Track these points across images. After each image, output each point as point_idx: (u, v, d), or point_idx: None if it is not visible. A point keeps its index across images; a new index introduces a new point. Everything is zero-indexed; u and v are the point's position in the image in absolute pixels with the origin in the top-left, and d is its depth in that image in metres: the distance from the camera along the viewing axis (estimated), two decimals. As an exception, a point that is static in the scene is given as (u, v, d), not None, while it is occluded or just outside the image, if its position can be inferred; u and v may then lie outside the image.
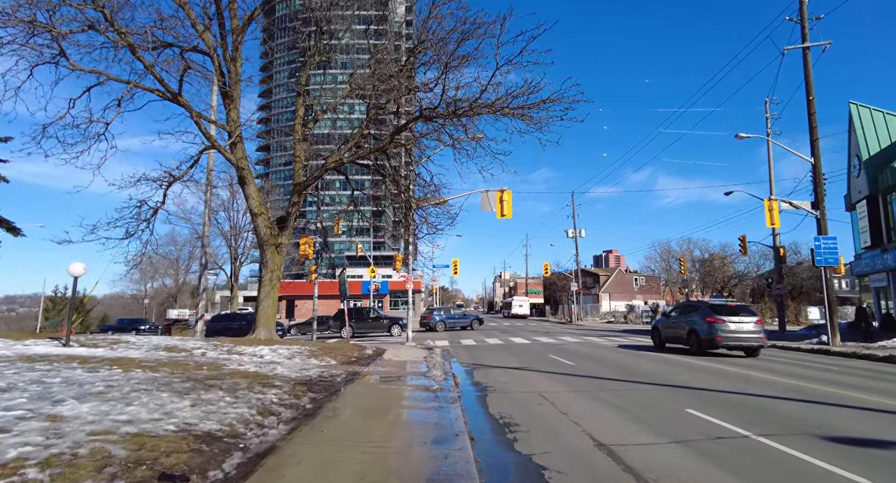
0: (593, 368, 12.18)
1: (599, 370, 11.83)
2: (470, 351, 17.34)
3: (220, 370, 9.06)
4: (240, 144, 15.16)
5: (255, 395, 6.98)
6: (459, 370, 12.06)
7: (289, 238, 16.35)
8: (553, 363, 13.39)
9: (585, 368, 12.19)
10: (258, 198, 15.65)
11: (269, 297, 15.75)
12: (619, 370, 11.83)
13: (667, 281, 69.02)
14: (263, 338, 15.37)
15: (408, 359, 13.32)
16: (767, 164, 29.39)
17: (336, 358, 12.30)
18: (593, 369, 12.00)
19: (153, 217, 14.45)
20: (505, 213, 20.26)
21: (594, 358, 14.70)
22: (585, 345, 20.00)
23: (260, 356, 11.54)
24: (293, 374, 9.41)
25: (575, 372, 11.52)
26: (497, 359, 14.69)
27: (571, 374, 11.09)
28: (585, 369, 12.01)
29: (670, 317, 17.52)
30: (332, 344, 16.48)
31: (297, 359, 11.58)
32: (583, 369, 12.02)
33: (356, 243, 43.86)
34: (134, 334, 31.88)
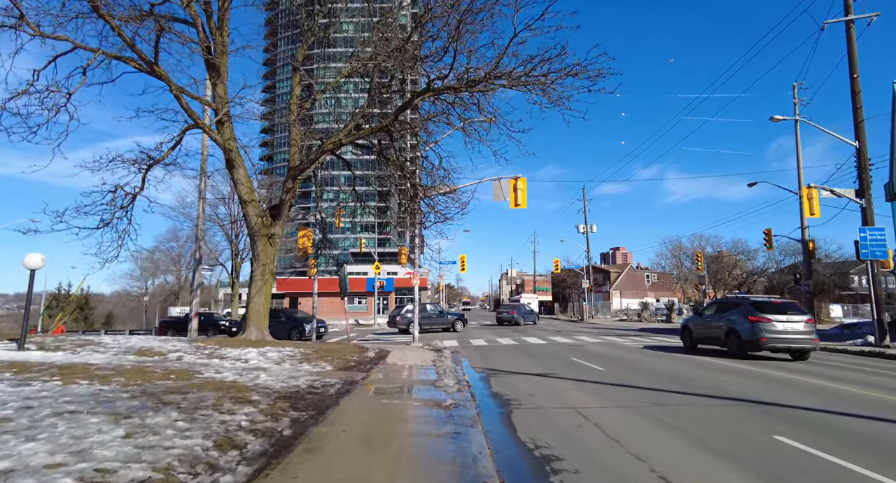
0: (628, 375, 10.59)
1: (636, 377, 10.24)
2: (482, 353, 15.79)
3: (190, 380, 7.56)
4: (227, 124, 13.65)
5: (220, 415, 5.46)
6: (473, 377, 10.51)
7: (283, 228, 14.85)
8: (579, 368, 11.82)
9: (619, 375, 10.61)
10: (249, 184, 14.14)
11: (261, 293, 14.27)
12: (658, 377, 10.23)
13: (678, 278, 67.22)
14: (254, 338, 13.90)
15: (414, 363, 11.79)
16: (795, 153, 27.62)
17: (332, 362, 10.79)
18: (628, 376, 10.41)
19: (131, 204, 12.97)
20: (519, 202, 18.70)
21: (623, 362, 13.11)
22: (607, 345, 18.39)
23: (244, 361, 10.04)
24: (278, 383, 7.90)
25: (608, 379, 9.93)
26: (514, 362, 13.13)
27: (605, 383, 9.51)
28: (619, 376, 10.42)
29: (703, 315, 15.88)
30: (331, 345, 14.98)
31: (287, 364, 10.08)
32: (616, 376, 10.43)
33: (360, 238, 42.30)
34: (110, 335, 30.64)
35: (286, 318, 23.38)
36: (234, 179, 13.86)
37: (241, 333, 14.25)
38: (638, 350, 16.56)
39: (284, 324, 22.42)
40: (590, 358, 13.93)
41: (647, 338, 23.07)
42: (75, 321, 76.50)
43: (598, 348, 17.16)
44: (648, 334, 26.23)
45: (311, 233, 20.25)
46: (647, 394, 8.37)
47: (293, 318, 23.96)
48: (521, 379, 10.16)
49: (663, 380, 9.89)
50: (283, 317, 23.50)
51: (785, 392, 8.53)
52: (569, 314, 63.11)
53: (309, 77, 15.77)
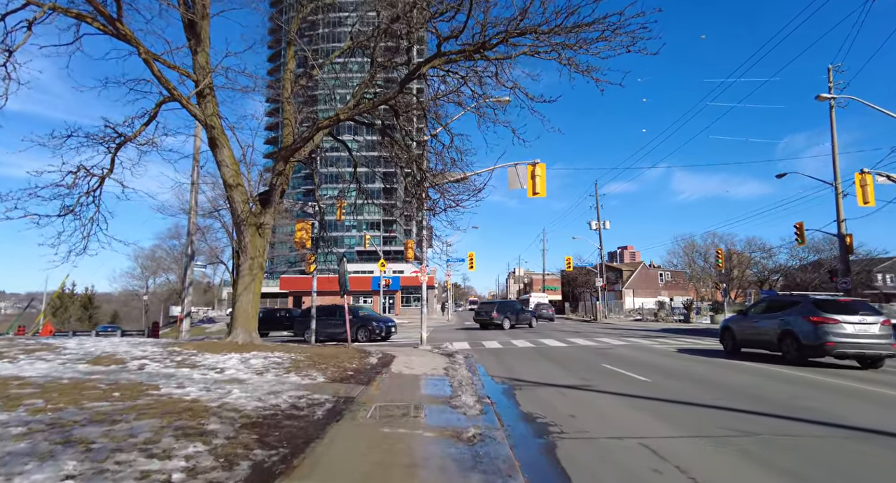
0: (681, 388, 8.81)
1: (692, 390, 8.46)
2: (499, 357, 14.05)
3: (137, 399, 5.87)
4: (210, 97, 11.99)
5: (146, 462, 3.77)
6: (494, 390, 8.78)
7: (273, 217, 13.18)
8: (617, 378, 10.04)
9: (669, 388, 8.83)
10: (234, 166, 12.47)
11: (249, 290, 12.60)
12: (719, 391, 8.44)
13: (691, 276, 65.13)
14: (241, 341, 12.23)
15: (423, 371, 10.06)
16: (831, 141, 25.61)
17: (327, 371, 9.08)
18: (682, 389, 8.63)
19: (99, 188, 11.35)
20: (538, 190, 16.94)
21: (665, 369, 11.31)
22: (635, 349, 16.59)
23: (220, 370, 8.36)
24: (253, 402, 6.20)
25: (660, 394, 8.16)
26: (538, 370, 11.38)
27: (658, 399, 7.74)
28: (671, 389, 8.65)
29: (748, 315, 14.04)
30: (330, 349, 13.29)
31: (271, 374, 8.38)
32: (667, 389, 8.65)
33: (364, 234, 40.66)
34: (86, 337, 29.12)
35: (352, 317, 20.18)
36: (217, 161, 12.20)
37: (227, 336, 12.59)
38: (672, 354, 14.75)
39: (352, 322, 19.65)
40: (624, 364, 12.15)
41: (673, 339, 21.23)
42: (79, 320, 75.62)
43: (626, 352, 15.35)
44: (672, 335, 24.39)
45: (310, 225, 18.59)
46: (720, 416, 6.59)
47: (357, 315, 20.86)
48: (552, 393, 8.41)
49: (727, 394, 8.11)
50: (352, 313, 20.45)
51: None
52: (580, 314, 61.19)
53: (306, 50, 14.07)
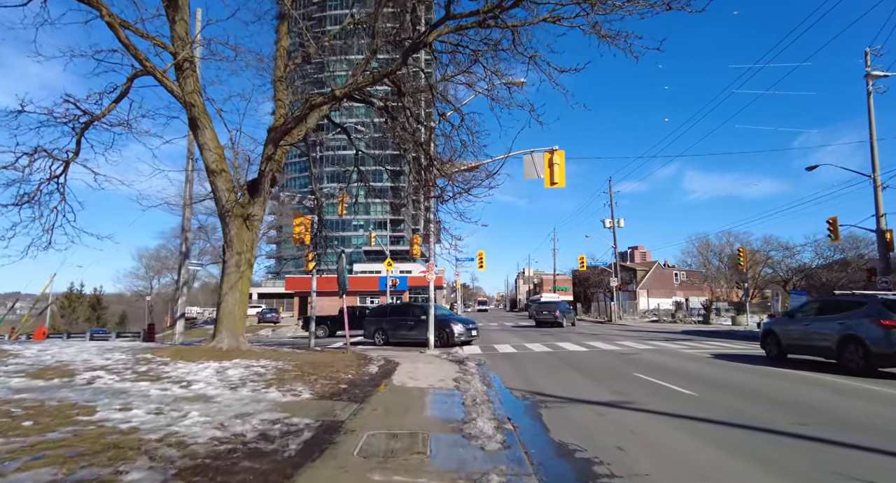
0: (740, 406, 7.29)
1: (757, 411, 6.94)
2: (514, 364, 12.59)
3: (51, 432, 4.49)
4: (190, 73, 10.64)
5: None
6: (515, 407, 7.33)
7: (263, 208, 11.83)
8: (657, 391, 8.54)
9: (726, 405, 7.31)
10: (218, 150, 11.11)
11: (236, 288, 11.24)
12: (794, 412, 6.90)
13: (706, 276, 63.14)
14: (226, 346, 10.88)
15: (430, 384, 8.63)
16: (868, 128, 23.81)
17: (315, 385, 7.68)
18: (744, 409, 7.11)
19: (63, 174, 10.06)
20: (556, 180, 15.46)
21: (709, 380, 9.78)
22: (664, 354, 15.04)
23: (186, 384, 6.98)
24: (208, 432, 4.81)
25: (719, 415, 6.65)
26: (561, 380, 9.90)
27: (720, 422, 6.24)
28: (729, 408, 7.13)
29: (796, 317, 12.45)
30: (325, 356, 11.90)
31: (247, 389, 6.98)
32: (724, 408, 7.14)
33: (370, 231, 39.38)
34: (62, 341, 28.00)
35: (424, 317, 17.24)
36: (198, 144, 10.85)
37: (211, 340, 11.25)
38: (708, 361, 13.21)
39: (423, 324, 16.94)
40: (658, 373, 10.64)
41: (699, 342, 19.63)
42: (87, 321, 75.04)
43: (655, 358, 13.82)
44: (696, 338, 22.77)
45: (309, 220, 17.24)
46: (815, 451, 5.09)
47: (434, 316, 17.42)
48: (586, 412, 6.93)
49: (801, 415, 6.59)
50: (423, 314, 17.42)
51: None
52: (593, 315, 59.50)
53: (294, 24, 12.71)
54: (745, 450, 5.08)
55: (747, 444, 5.27)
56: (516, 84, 12.73)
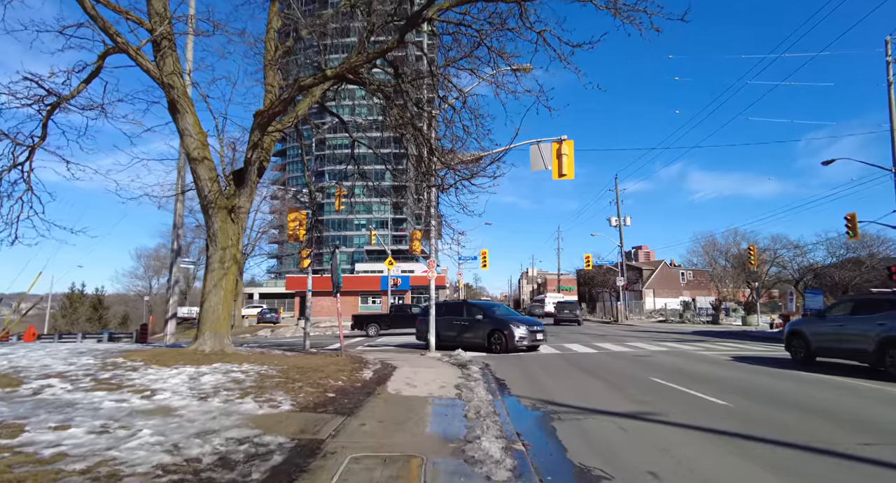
0: (784, 419, 6.38)
1: (807, 425, 6.04)
2: (520, 367, 11.69)
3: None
4: (169, 52, 9.79)
5: None
6: (524, 419, 6.44)
7: (251, 199, 10.96)
8: (682, 400, 7.63)
9: (768, 419, 6.41)
10: (200, 137, 10.26)
11: (220, 287, 10.39)
12: (852, 427, 5.99)
13: (712, 276, 62.09)
14: (209, 349, 10.03)
15: (429, 392, 7.74)
16: (889, 120, 22.79)
17: (299, 394, 6.80)
18: (790, 422, 6.20)
19: (28, 161, 9.23)
20: (565, 172, 14.56)
21: (738, 387, 8.86)
22: (679, 356, 14.11)
23: (149, 394, 6.12)
24: (155, 456, 3.94)
25: (762, 431, 5.74)
26: (575, 386, 9.00)
27: (766, 440, 5.33)
28: (772, 422, 6.23)
29: (826, 318, 11.50)
30: (316, 360, 11.03)
31: (219, 399, 6.11)
32: (766, 422, 6.23)
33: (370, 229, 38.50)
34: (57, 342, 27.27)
35: (483, 317, 15.74)
36: (178, 129, 10.00)
37: (193, 342, 10.39)
38: (729, 364, 12.28)
39: (479, 325, 15.58)
40: (678, 378, 9.73)
41: (713, 343, 18.69)
42: (89, 321, 74.45)
43: (671, 360, 12.90)
44: (709, 338, 21.84)
45: (304, 215, 16.39)
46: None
47: (488, 315, 15.89)
48: (606, 426, 6.04)
49: (858, 430, 5.68)
50: (479, 314, 15.92)
51: None
52: (599, 315, 58.51)
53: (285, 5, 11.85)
54: (813, 480, 4.18)
55: (816, 474, 4.36)
56: (523, 70, 11.87)
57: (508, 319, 15.40)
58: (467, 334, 15.74)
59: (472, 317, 15.89)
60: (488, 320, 15.48)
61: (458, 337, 15.86)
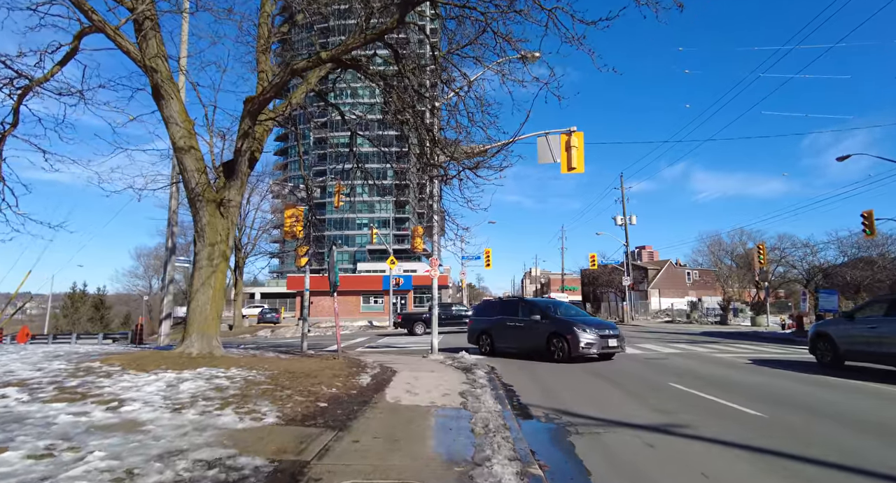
0: (836, 435, 5.68)
1: (862, 444, 5.34)
2: (529, 371, 10.99)
3: None
4: (152, 33, 9.13)
5: None
6: (539, 434, 5.76)
7: (241, 192, 10.30)
8: (710, 409, 6.93)
9: (816, 433, 5.71)
10: (187, 124, 9.60)
11: (209, 285, 9.73)
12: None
13: (718, 275, 61.28)
14: (196, 352, 9.37)
15: (432, 401, 7.05)
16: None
17: (287, 403, 6.12)
18: (843, 440, 5.50)
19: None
20: (574, 165, 13.88)
21: (765, 394, 8.14)
22: (694, 358, 13.40)
23: (117, 404, 5.45)
24: (102, 487, 3.26)
25: (818, 452, 5.04)
26: (590, 393, 8.31)
27: (828, 464, 4.63)
28: (826, 440, 5.53)
29: (856, 319, 10.77)
30: (312, 363, 10.35)
31: (195, 410, 5.44)
32: (819, 440, 5.53)
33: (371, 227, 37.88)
34: None
35: (541, 318, 13.17)
36: (163, 117, 9.35)
37: (179, 344, 9.73)
38: (750, 368, 11.57)
39: (536, 328, 13.14)
40: (698, 383, 9.02)
41: (726, 345, 17.96)
42: (90, 321, 74.05)
43: (688, 364, 12.18)
44: (721, 340, 21.12)
45: (301, 212, 15.73)
46: None
47: (548, 315, 13.17)
48: (631, 441, 5.34)
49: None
50: (537, 314, 13.35)
51: None
52: (604, 315, 57.68)
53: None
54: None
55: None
56: (531, 57, 11.19)
57: (572, 321, 12.73)
58: (523, 339, 13.54)
59: (529, 318, 13.47)
60: (547, 322, 12.98)
61: (512, 342, 13.87)
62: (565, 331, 12.41)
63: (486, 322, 14.99)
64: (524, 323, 13.63)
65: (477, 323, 15.42)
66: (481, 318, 15.41)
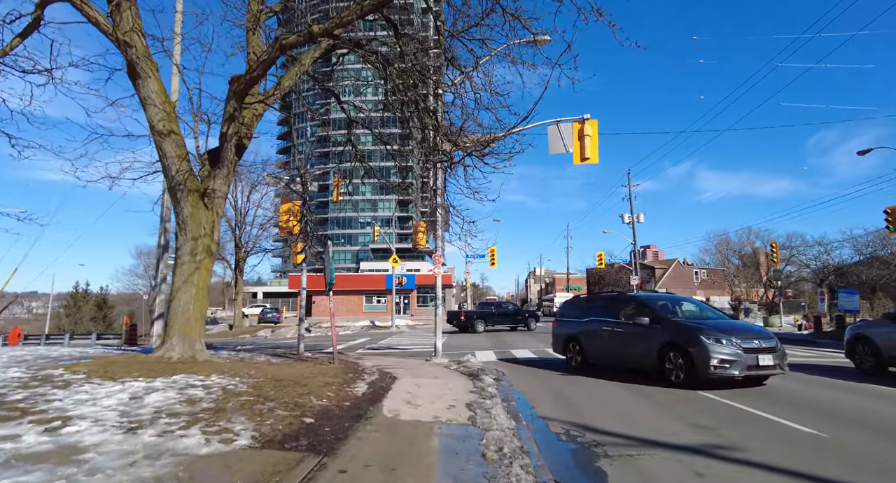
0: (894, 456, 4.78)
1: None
2: (541, 377, 10.11)
3: None
4: (127, 5, 8.28)
5: None
6: (563, 458, 4.88)
7: (228, 182, 9.45)
8: (753, 423, 6.02)
9: (884, 458, 4.81)
10: (167, 106, 8.75)
11: (191, 283, 8.88)
12: None
13: (726, 274, 60.21)
14: (177, 356, 8.53)
15: (435, 415, 6.17)
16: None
17: (267, 419, 5.25)
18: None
19: (-42, 133, 7.78)
20: (587, 155, 13.02)
21: (814, 406, 7.23)
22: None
23: (59, 424, 4.59)
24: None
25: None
26: (612, 404, 7.42)
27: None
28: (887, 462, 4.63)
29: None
30: (305, 368, 9.49)
31: (153, 431, 4.57)
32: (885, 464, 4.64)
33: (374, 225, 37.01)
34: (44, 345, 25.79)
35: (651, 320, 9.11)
36: (140, 98, 8.52)
37: (159, 349, 8.90)
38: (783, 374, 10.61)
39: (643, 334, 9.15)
40: (732, 393, 8.08)
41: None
42: (93, 320, 73.63)
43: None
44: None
45: (298, 207, 14.88)
46: None
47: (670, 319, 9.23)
48: (672, 467, 4.45)
49: None
50: (644, 314, 9.35)
51: None
52: (610, 315, 56.68)
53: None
54: None
55: None
56: (541, 42, 10.30)
57: (698, 326, 8.73)
58: (622, 350, 9.80)
59: (632, 320, 9.53)
60: (659, 326, 8.97)
61: (608, 354, 10.24)
62: (687, 340, 8.40)
63: (573, 325, 11.33)
64: (625, 328, 9.71)
65: (563, 326, 11.82)
66: (568, 320, 11.78)
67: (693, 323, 9.07)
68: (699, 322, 9.16)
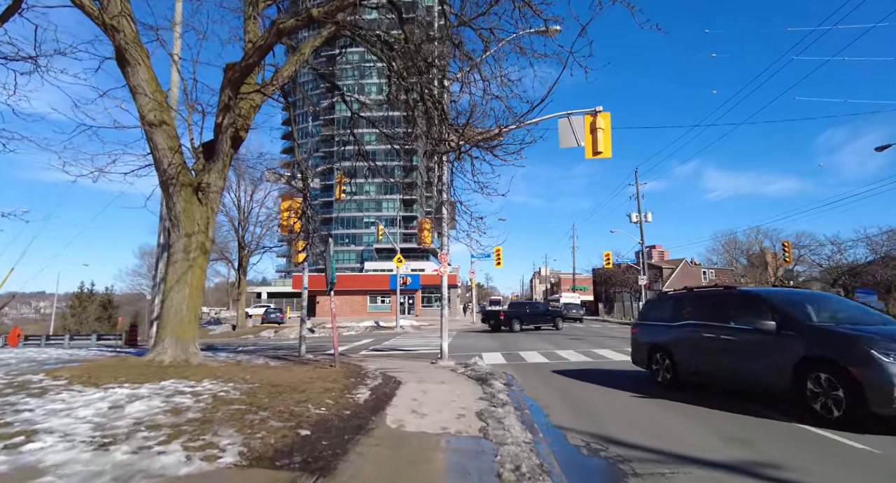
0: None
1: None
2: (553, 383, 9.58)
3: None
4: (116, -12, 7.81)
5: None
6: (588, 474, 4.37)
7: (223, 175, 8.97)
8: (796, 437, 5.48)
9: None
10: (157, 95, 8.28)
11: (185, 282, 8.41)
12: None
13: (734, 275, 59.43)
14: (169, 360, 8.06)
15: (442, 426, 5.66)
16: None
17: (258, 431, 4.76)
18: None
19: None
20: (600, 149, 12.47)
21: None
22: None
23: (22, 439, 4.11)
24: None
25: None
26: (633, 413, 6.88)
27: None
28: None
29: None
30: (304, 372, 9.00)
31: (128, 446, 4.08)
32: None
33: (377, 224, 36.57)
34: None
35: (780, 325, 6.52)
36: (130, 86, 8.07)
37: (150, 351, 8.43)
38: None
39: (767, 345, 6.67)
40: (764, 401, 7.55)
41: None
42: (98, 320, 73.59)
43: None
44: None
45: (299, 204, 14.41)
46: None
47: (810, 325, 6.52)
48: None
49: None
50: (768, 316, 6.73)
51: None
52: (616, 315, 56.11)
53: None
54: None
55: None
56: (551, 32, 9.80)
57: (860, 333, 5.92)
58: (736, 365, 7.23)
59: (749, 324, 7.07)
60: (793, 334, 6.46)
61: (714, 369, 7.70)
62: (844, 354, 5.80)
63: (660, 330, 9.02)
64: (738, 335, 7.26)
65: (645, 332, 9.57)
66: (652, 325, 9.44)
67: (849, 329, 6.15)
68: (858, 329, 6.14)
